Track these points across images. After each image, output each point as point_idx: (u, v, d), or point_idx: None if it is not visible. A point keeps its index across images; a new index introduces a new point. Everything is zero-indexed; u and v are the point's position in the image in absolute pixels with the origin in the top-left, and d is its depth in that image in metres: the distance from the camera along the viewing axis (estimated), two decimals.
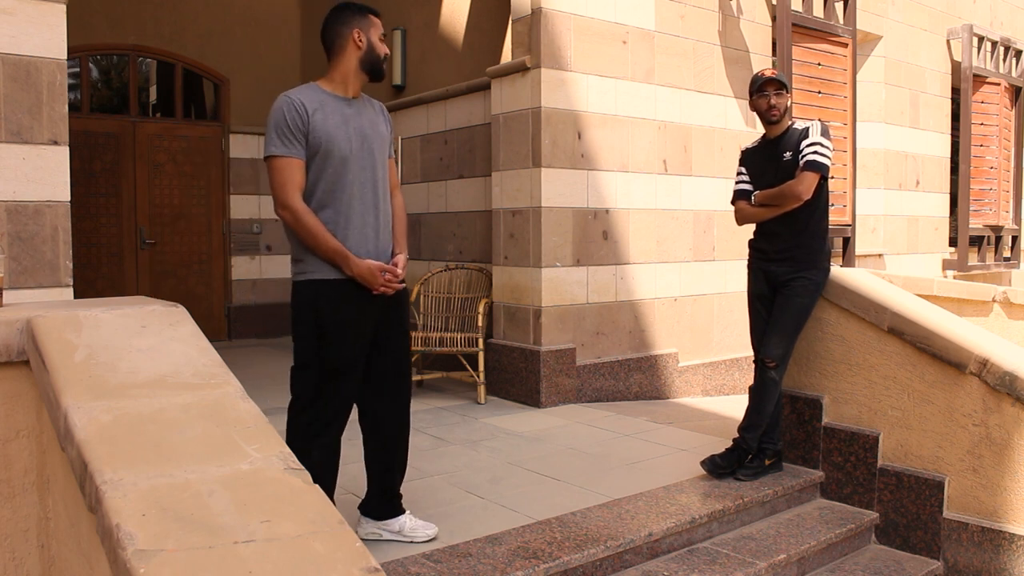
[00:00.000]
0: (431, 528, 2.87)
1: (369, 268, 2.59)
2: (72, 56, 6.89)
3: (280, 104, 2.56)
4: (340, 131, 2.61)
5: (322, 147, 2.57)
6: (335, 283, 2.60)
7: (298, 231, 2.57)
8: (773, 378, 3.58)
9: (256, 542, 1.30)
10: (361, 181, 2.65)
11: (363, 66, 2.69)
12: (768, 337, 3.60)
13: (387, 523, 2.85)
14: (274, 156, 2.56)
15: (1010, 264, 8.56)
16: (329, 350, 2.61)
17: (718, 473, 3.57)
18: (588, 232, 5.19)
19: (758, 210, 3.65)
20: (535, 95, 4.97)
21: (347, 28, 2.66)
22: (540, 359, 4.97)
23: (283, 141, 2.54)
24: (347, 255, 2.57)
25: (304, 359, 2.65)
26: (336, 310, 2.60)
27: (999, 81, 8.15)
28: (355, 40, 2.66)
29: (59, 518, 1.78)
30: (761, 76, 3.62)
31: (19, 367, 1.89)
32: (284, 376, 2.68)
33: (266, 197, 8.24)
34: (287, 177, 2.55)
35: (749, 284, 3.77)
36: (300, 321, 2.65)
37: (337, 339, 2.61)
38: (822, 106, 6.24)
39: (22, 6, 2.77)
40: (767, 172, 3.63)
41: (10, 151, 2.78)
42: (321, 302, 2.60)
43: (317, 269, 2.60)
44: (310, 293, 2.61)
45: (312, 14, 8.20)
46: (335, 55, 2.69)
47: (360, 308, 2.64)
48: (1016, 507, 3.24)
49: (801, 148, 3.50)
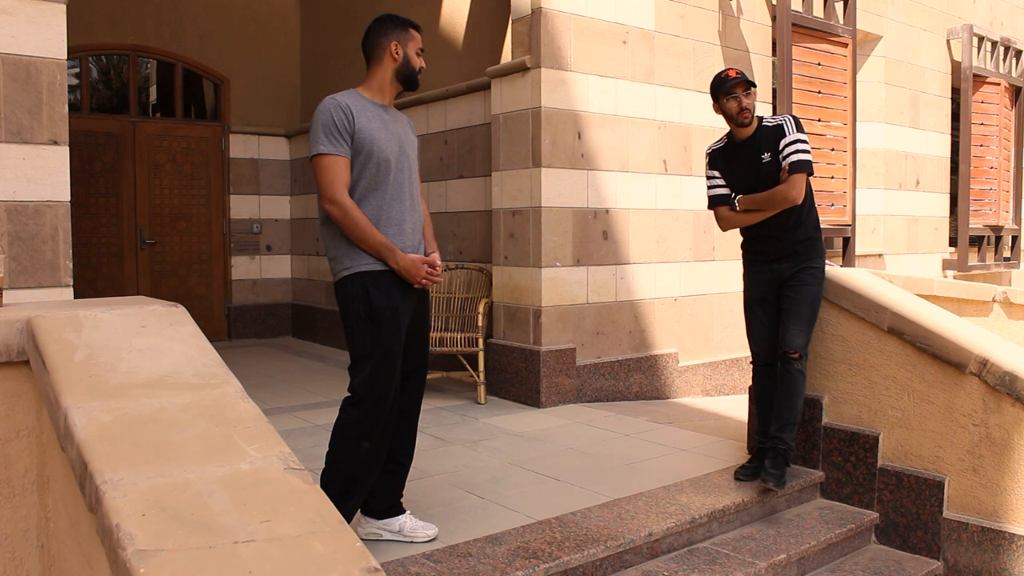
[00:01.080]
0: (431, 528, 2.88)
1: (413, 261, 2.71)
2: (72, 56, 6.90)
3: (327, 106, 2.67)
4: (381, 134, 2.72)
5: (365, 148, 2.68)
6: (381, 273, 2.69)
7: (346, 225, 2.65)
8: (800, 370, 3.49)
9: (256, 542, 1.30)
10: (399, 183, 2.77)
11: (398, 76, 2.82)
12: (787, 330, 3.52)
13: (387, 523, 2.87)
14: (323, 154, 2.64)
15: (1010, 264, 8.56)
16: (382, 337, 2.68)
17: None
18: (588, 232, 5.19)
19: (746, 216, 3.53)
20: (535, 95, 4.97)
21: (385, 39, 2.79)
22: (540, 359, 4.97)
23: (331, 140, 2.64)
24: (393, 248, 2.68)
25: (362, 351, 2.70)
26: (387, 296, 2.69)
27: (999, 81, 8.16)
28: (392, 52, 2.79)
29: (59, 518, 1.78)
30: (727, 77, 3.46)
31: (19, 367, 1.89)
32: (284, 376, 2.69)
33: (266, 197, 8.24)
34: (336, 174, 2.64)
35: (747, 288, 3.68)
36: (352, 313, 2.70)
37: (389, 326, 2.69)
38: (822, 106, 6.24)
39: (22, 6, 2.77)
40: (746, 175, 3.51)
41: (10, 151, 2.78)
42: (371, 291, 2.68)
43: (363, 262, 2.68)
44: (359, 284, 2.68)
45: (312, 14, 8.21)
46: (373, 64, 2.82)
47: (404, 298, 2.75)
48: (1016, 507, 3.24)
49: (781, 148, 3.41)
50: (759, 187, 3.48)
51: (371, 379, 2.67)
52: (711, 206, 3.66)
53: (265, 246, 8.28)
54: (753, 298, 3.64)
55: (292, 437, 4.25)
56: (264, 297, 8.31)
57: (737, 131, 3.53)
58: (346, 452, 2.70)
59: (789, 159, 3.38)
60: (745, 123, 3.47)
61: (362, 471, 2.72)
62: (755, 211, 3.50)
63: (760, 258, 3.61)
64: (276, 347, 7.76)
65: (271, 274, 8.34)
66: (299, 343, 8.01)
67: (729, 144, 3.60)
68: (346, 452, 2.70)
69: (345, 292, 2.71)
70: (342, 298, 2.73)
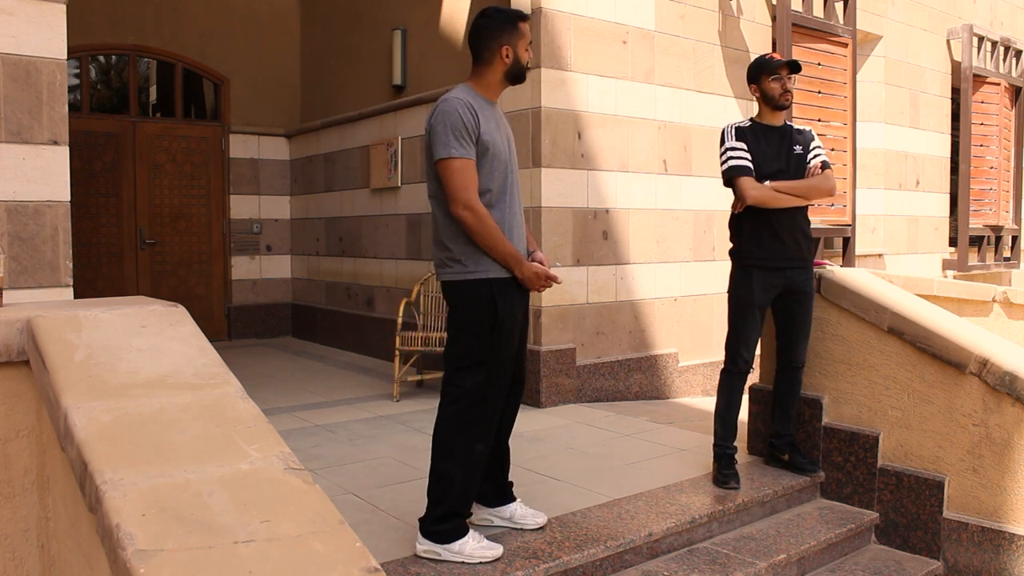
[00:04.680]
0: (541, 516, 2.96)
1: (536, 272, 2.69)
2: (72, 56, 6.89)
3: (453, 106, 2.59)
4: (497, 135, 2.69)
5: (488, 150, 2.63)
6: (506, 281, 2.68)
7: (479, 232, 2.59)
8: (800, 378, 3.76)
9: (256, 542, 1.30)
10: (514, 185, 2.76)
11: (507, 77, 2.76)
12: (796, 343, 3.68)
13: (499, 510, 2.94)
14: (453, 157, 2.56)
15: (1010, 264, 8.56)
16: (501, 345, 2.67)
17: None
18: (588, 232, 5.19)
19: (781, 196, 3.47)
20: (535, 95, 4.97)
21: (495, 43, 2.70)
22: (540, 359, 4.97)
23: (460, 142, 2.56)
24: (521, 259, 2.67)
25: (478, 357, 2.65)
26: (510, 306, 2.69)
27: (999, 81, 8.15)
28: (503, 56, 2.71)
29: (59, 518, 1.78)
30: (773, 59, 3.54)
31: (19, 367, 1.89)
32: (284, 376, 2.68)
33: (266, 197, 8.24)
34: (468, 178, 2.58)
35: (751, 293, 3.52)
36: (474, 319, 2.66)
37: (508, 334, 2.69)
38: (822, 106, 6.24)
39: (22, 6, 2.77)
40: (775, 159, 3.53)
41: (10, 151, 2.78)
42: (498, 299, 2.66)
43: (489, 268, 2.65)
44: (487, 291, 2.65)
45: (312, 14, 8.20)
46: (483, 64, 2.74)
47: (521, 306, 2.77)
48: (1016, 507, 3.24)
49: (812, 148, 3.60)
50: (786, 175, 3.53)
51: (487, 383, 2.66)
52: (734, 175, 3.47)
53: (265, 246, 8.28)
54: (757, 304, 3.54)
55: (292, 437, 4.25)
56: (264, 297, 8.31)
57: (771, 115, 3.58)
58: (460, 455, 2.65)
59: (820, 158, 3.57)
60: (785, 105, 3.56)
61: (476, 473, 2.70)
62: (788, 195, 3.49)
63: (778, 258, 3.53)
64: (276, 347, 7.76)
65: (271, 274, 8.34)
66: (299, 343, 8.01)
67: (757, 126, 3.60)
68: (460, 455, 2.65)
69: (467, 296, 2.66)
70: (463, 300, 2.67)
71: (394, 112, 6.66)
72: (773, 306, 3.66)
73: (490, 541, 2.70)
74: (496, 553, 2.64)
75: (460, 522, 2.65)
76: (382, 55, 6.90)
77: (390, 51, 6.75)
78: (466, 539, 2.64)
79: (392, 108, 6.67)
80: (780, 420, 3.78)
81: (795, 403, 3.79)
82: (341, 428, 4.53)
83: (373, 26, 7.08)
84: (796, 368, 3.72)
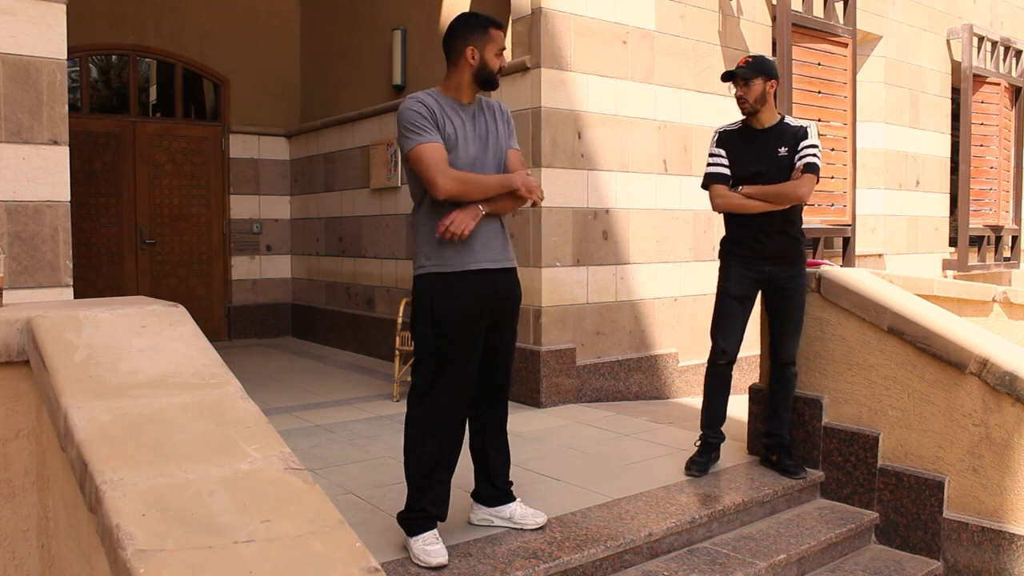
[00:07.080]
0: (541, 516, 2.97)
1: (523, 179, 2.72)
2: (72, 56, 6.89)
3: (408, 104, 2.66)
4: (459, 133, 2.71)
5: (447, 148, 2.66)
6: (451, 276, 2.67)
7: (469, 189, 2.63)
8: (795, 372, 3.76)
9: (256, 542, 1.30)
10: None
11: (475, 79, 2.76)
12: (784, 341, 3.69)
13: (498, 510, 2.96)
14: (417, 145, 2.61)
15: (1010, 264, 8.55)
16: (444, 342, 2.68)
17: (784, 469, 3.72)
18: (588, 232, 5.19)
19: (747, 202, 3.54)
20: (535, 95, 4.97)
21: (463, 43, 2.73)
22: (540, 359, 4.97)
23: (419, 131, 2.62)
24: (506, 177, 2.71)
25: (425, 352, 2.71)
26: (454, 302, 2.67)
27: (999, 81, 8.15)
28: (468, 57, 2.72)
29: (59, 518, 1.78)
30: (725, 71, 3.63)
31: (19, 367, 1.89)
32: (284, 376, 2.68)
33: (266, 197, 8.25)
34: (438, 158, 2.60)
35: (729, 284, 3.64)
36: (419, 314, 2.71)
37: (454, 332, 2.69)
38: (822, 106, 6.24)
39: (22, 6, 2.77)
40: (755, 161, 3.56)
41: (10, 151, 2.78)
42: (437, 294, 2.67)
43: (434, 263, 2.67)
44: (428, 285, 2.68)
45: (312, 14, 8.21)
46: (451, 65, 2.77)
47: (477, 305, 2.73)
48: (1016, 507, 3.24)
49: (800, 148, 3.51)
50: (766, 178, 3.52)
51: (439, 381, 2.69)
52: (707, 183, 3.65)
53: (265, 246, 8.28)
54: (735, 295, 3.63)
55: (292, 437, 4.25)
56: (264, 297, 8.31)
57: (752, 118, 3.61)
58: (411, 452, 2.73)
59: (805, 159, 3.49)
60: (744, 111, 3.59)
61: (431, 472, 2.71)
62: (757, 200, 3.52)
63: (749, 254, 3.61)
64: (276, 347, 7.76)
65: (271, 274, 8.34)
66: (299, 343, 8.01)
67: (744, 129, 3.65)
68: (411, 452, 2.73)
69: (416, 290, 2.73)
70: (414, 296, 2.74)
71: (394, 112, 6.66)
72: (763, 303, 3.76)
73: (443, 549, 2.65)
74: (433, 561, 2.58)
75: (420, 517, 2.68)
76: (382, 55, 6.90)
77: (390, 51, 6.75)
78: (423, 536, 2.66)
79: (392, 108, 6.67)
80: (771, 419, 3.78)
81: (787, 403, 3.75)
82: (341, 428, 4.53)
83: (373, 26, 7.08)
84: (784, 365, 3.70)
